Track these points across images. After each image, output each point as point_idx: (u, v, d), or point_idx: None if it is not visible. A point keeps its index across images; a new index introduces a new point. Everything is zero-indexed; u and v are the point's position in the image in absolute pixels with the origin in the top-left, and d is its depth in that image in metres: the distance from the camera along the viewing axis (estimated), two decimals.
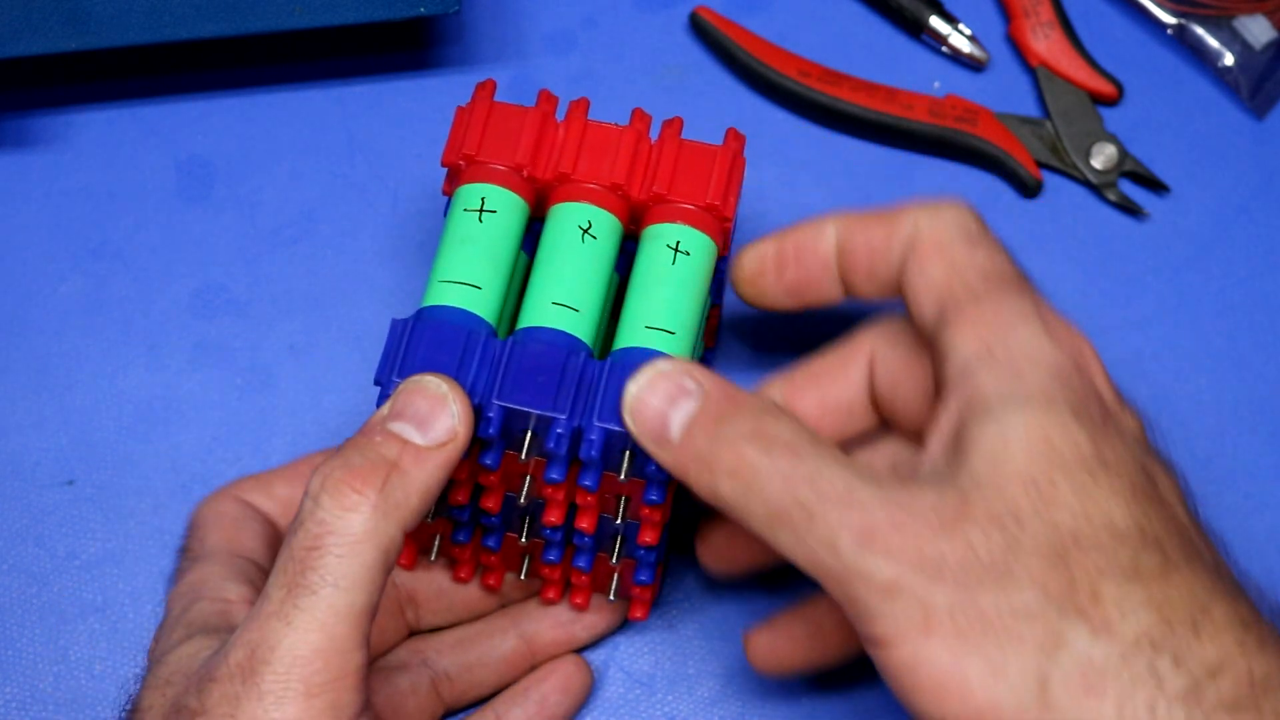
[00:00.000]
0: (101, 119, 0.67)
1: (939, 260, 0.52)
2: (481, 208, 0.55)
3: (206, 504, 0.58)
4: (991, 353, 0.49)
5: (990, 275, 0.51)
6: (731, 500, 0.48)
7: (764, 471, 0.48)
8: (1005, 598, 0.45)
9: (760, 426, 0.49)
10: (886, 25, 0.69)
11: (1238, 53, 0.68)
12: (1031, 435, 0.47)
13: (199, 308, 0.65)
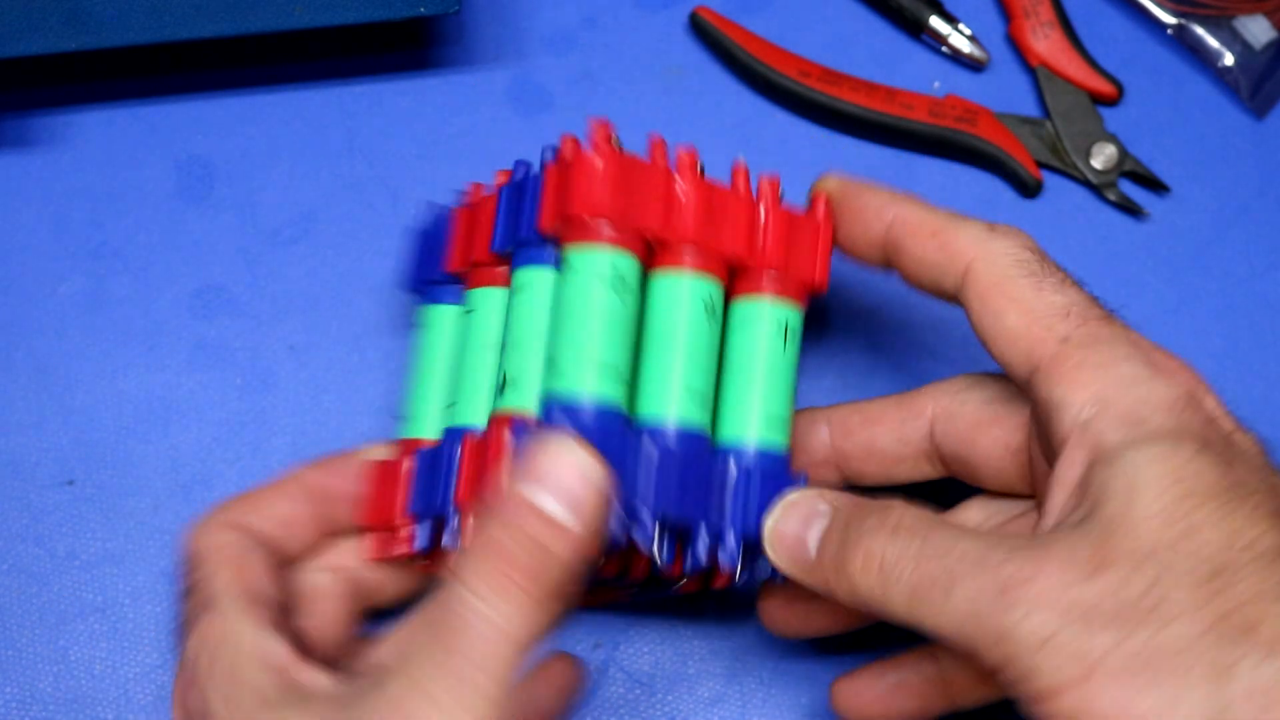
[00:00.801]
0: (101, 119, 0.67)
1: (1011, 307, 0.51)
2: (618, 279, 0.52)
3: (200, 535, 0.55)
4: (1105, 402, 0.49)
5: (1072, 315, 0.51)
6: (869, 595, 0.48)
7: (893, 556, 0.48)
8: (1163, 634, 0.45)
9: (884, 519, 0.49)
10: (886, 25, 0.69)
11: (1238, 53, 0.68)
12: (1161, 472, 0.47)
13: (199, 308, 0.65)
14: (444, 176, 0.66)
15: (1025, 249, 0.52)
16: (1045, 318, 0.51)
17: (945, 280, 0.53)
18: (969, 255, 0.52)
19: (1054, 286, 0.52)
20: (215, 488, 0.62)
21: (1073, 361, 0.50)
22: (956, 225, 0.53)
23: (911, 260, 0.54)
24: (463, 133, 0.67)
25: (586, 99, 0.68)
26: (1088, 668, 0.45)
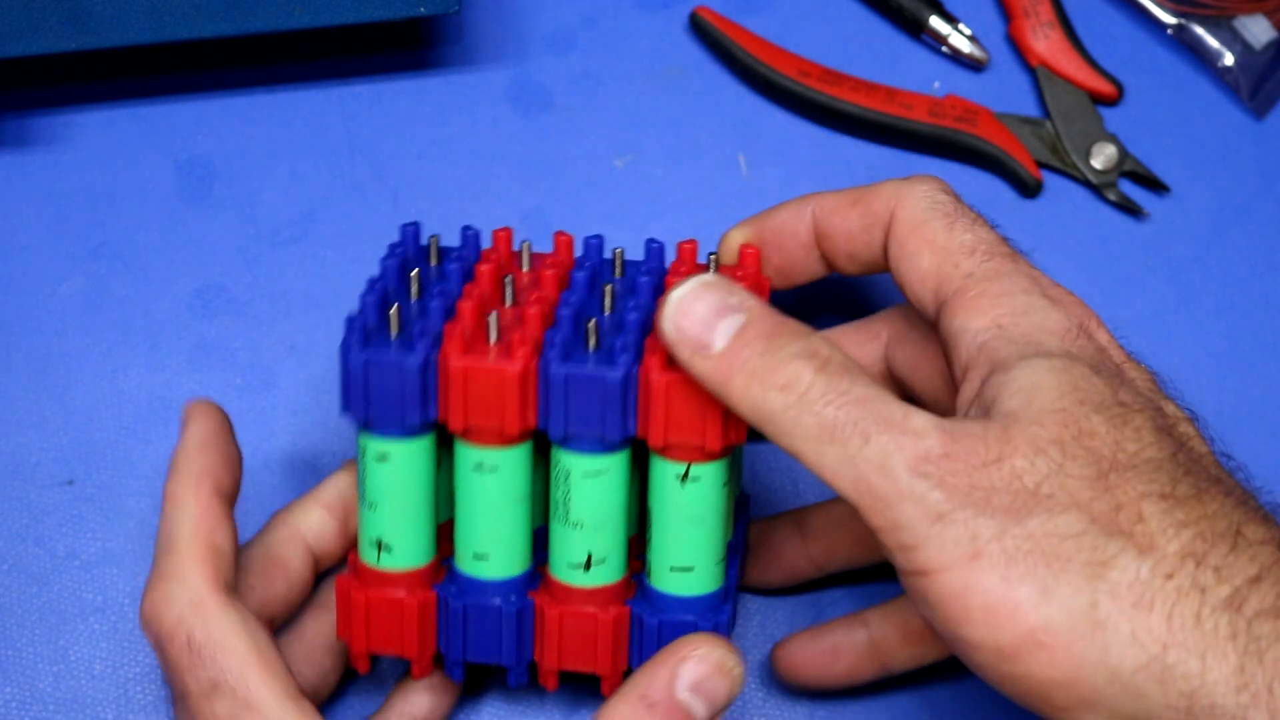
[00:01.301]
0: (101, 119, 0.67)
1: (923, 246, 0.53)
2: None
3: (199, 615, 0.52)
4: (1001, 328, 0.51)
5: (978, 251, 0.53)
6: (778, 413, 0.49)
7: (819, 388, 0.49)
8: (1052, 522, 0.46)
9: (812, 347, 0.50)
10: (886, 25, 0.69)
11: (1238, 53, 0.68)
12: (1058, 380, 0.49)
13: (199, 308, 0.65)
14: (444, 176, 0.66)
15: (941, 191, 0.55)
16: (954, 255, 0.53)
17: (875, 240, 0.55)
18: (889, 207, 0.55)
19: (965, 226, 0.54)
20: None
21: (973, 293, 0.52)
22: (874, 188, 0.55)
23: (843, 237, 0.56)
24: (463, 133, 0.67)
25: (586, 99, 0.68)
26: (974, 550, 0.46)
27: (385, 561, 0.54)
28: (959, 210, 0.54)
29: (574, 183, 0.67)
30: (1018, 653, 0.46)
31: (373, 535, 0.54)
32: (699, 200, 0.67)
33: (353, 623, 0.55)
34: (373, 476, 0.54)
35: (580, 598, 0.55)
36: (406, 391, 0.52)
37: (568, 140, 0.67)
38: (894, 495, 0.47)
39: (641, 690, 0.51)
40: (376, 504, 0.54)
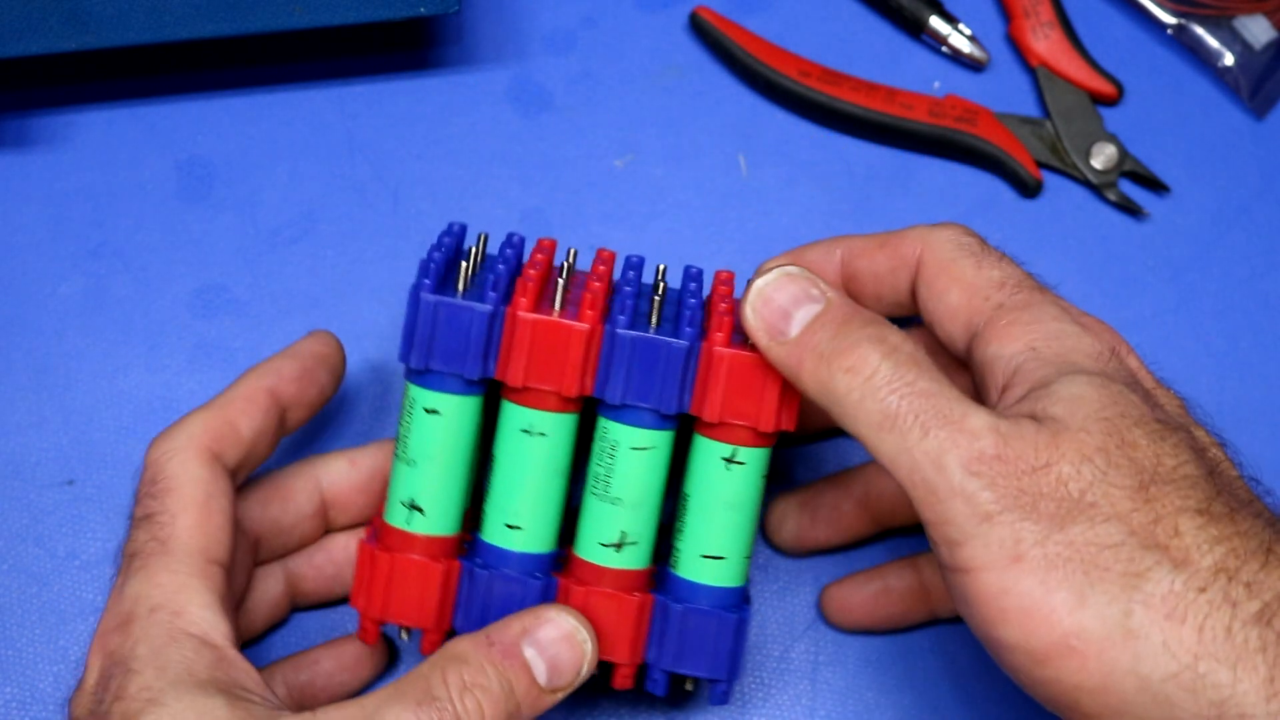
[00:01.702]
0: (101, 119, 0.67)
1: (951, 283, 0.55)
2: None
3: (174, 457, 0.55)
4: (1035, 350, 0.52)
5: (1006, 285, 0.54)
6: (844, 395, 0.51)
7: (884, 374, 0.50)
8: (1092, 531, 0.48)
9: (883, 335, 0.51)
10: (886, 25, 0.69)
11: (1238, 53, 0.68)
12: (1099, 394, 0.50)
13: (199, 308, 0.65)
14: (444, 176, 0.66)
15: (966, 234, 0.56)
16: (983, 289, 0.54)
17: (901, 283, 0.56)
18: (916, 250, 0.56)
19: (992, 263, 0.55)
20: None
21: (1005, 321, 0.53)
22: (900, 233, 0.57)
23: (869, 279, 0.57)
24: (463, 133, 0.67)
25: (586, 99, 0.68)
26: (1016, 554, 0.48)
27: (416, 524, 0.54)
28: (985, 249, 0.55)
29: (574, 183, 0.67)
30: (1050, 657, 0.47)
31: (406, 495, 0.54)
32: (699, 200, 0.67)
33: (371, 588, 0.54)
34: (418, 431, 0.53)
35: (608, 579, 0.55)
36: (473, 340, 0.53)
37: (568, 140, 0.67)
38: (946, 491, 0.49)
39: (489, 632, 0.53)
40: (417, 461, 0.54)
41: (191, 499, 0.54)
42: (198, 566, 0.54)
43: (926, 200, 0.67)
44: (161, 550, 0.54)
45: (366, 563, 0.55)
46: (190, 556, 0.54)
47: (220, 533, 0.55)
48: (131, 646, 0.52)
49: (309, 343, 0.59)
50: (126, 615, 0.53)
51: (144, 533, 0.54)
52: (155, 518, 0.54)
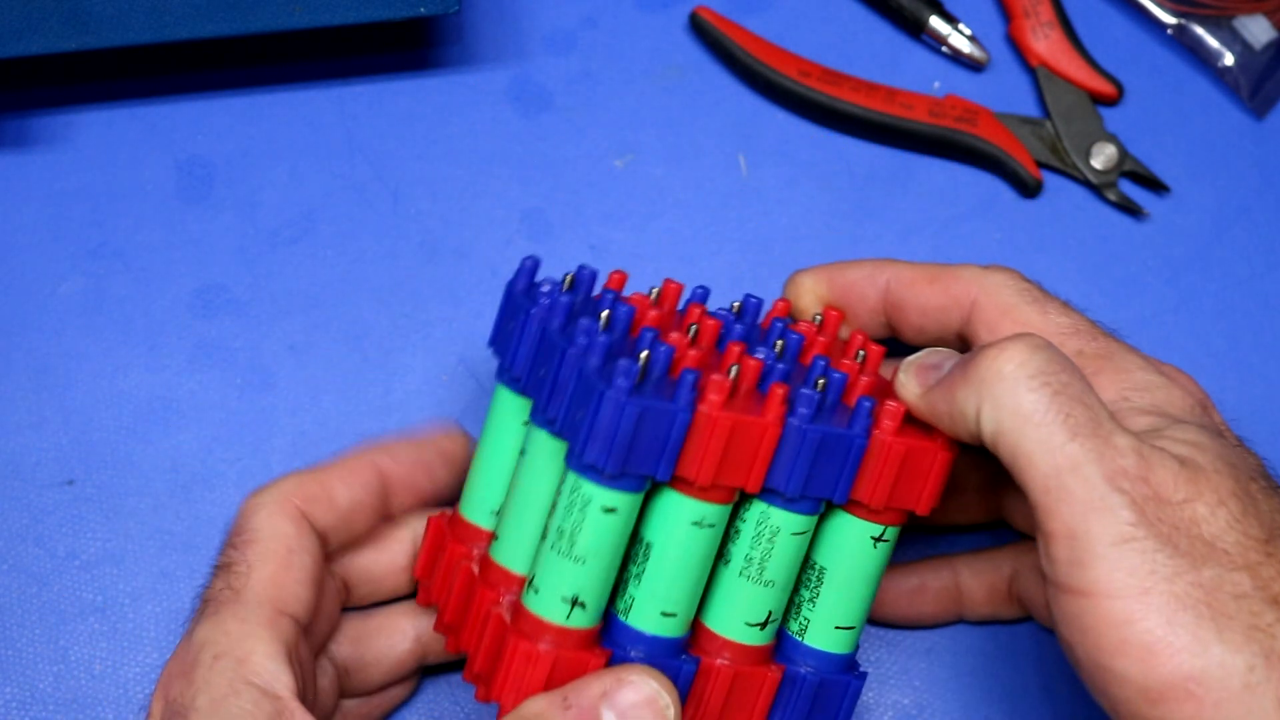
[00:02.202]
0: (101, 119, 0.67)
1: (1019, 330, 0.53)
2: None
3: (264, 509, 0.54)
4: (1128, 400, 0.52)
5: (1080, 332, 0.54)
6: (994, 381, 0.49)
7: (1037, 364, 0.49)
8: (1224, 577, 0.47)
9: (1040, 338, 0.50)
10: (886, 25, 0.69)
11: (1238, 53, 0.68)
12: (1215, 443, 0.49)
13: (199, 308, 0.65)
14: (444, 176, 0.66)
15: (1023, 280, 0.55)
16: (1056, 337, 0.53)
17: (950, 321, 0.55)
18: (971, 293, 0.55)
19: (1057, 310, 0.54)
20: (215, 488, 0.62)
21: (1090, 370, 0.52)
22: (953, 270, 0.56)
23: (915, 311, 0.56)
24: (463, 133, 0.67)
25: (586, 99, 0.68)
26: (1149, 585, 0.46)
27: (575, 619, 0.51)
28: (1045, 295, 0.55)
29: (574, 183, 0.67)
30: (1165, 697, 0.46)
31: (570, 591, 0.51)
32: (699, 200, 0.67)
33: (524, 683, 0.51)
34: (593, 529, 0.51)
35: (750, 655, 0.54)
36: (671, 442, 0.50)
37: (568, 140, 0.67)
38: (1084, 501, 0.47)
39: (567, 693, 0.50)
40: (586, 559, 0.51)
41: (272, 552, 0.53)
42: (267, 616, 0.52)
43: (926, 200, 0.67)
44: (234, 599, 0.53)
45: (520, 660, 0.51)
46: (261, 606, 0.52)
47: (298, 587, 0.53)
48: (192, 696, 0.51)
49: (437, 434, 0.58)
50: (191, 661, 0.52)
51: (220, 581, 0.53)
52: (233, 567, 0.53)
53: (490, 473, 0.56)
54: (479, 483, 0.56)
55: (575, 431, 0.50)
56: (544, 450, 0.53)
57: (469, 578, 0.54)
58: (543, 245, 0.66)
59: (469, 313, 0.65)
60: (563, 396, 0.51)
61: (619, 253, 0.66)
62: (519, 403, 0.55)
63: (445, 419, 0.61)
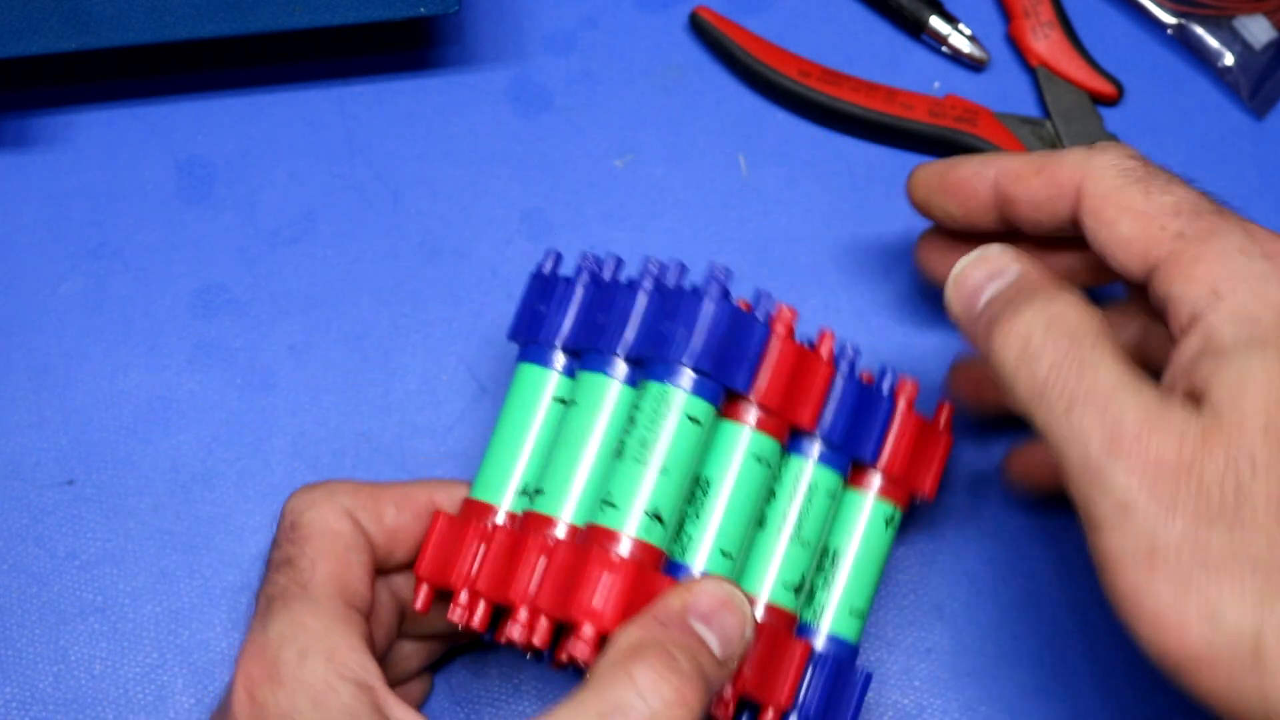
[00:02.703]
0: (101, 119, 0.67)
1: (1122, 215, 0.52)
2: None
3: (314, 508, 0.54)
4: (1219, 295, 0.50)
5: (1183, 213, 0.51)
6: (1003, 361, 0.50)
7: (1037, 344, 0.50)
8: (1232, 541, 0.46)
9: (1047, 304, 0.51)
10: (886, 25, 0.69)
11: (1238, 53, 0.68)
12: (1269, 380, 0.48)
13: (199, 308, 0.65)
14: (444, 176, 0.66)
15: (1129, 158, 0.53)
16: (1158, 218, 0.51)
17: (1061, 211, 0.54)
18: (1077, 178, 0.53)
19: (1161, 187, 0.52)
20: (215, 488, 0.62)
21: (1188, 256, 0.50)
22: (1058, 157, 0.54)
23: (1026, 204, 0.55)
24: (463, 133, 0.67)
25: (586, 99, 0.68)
26: (1153, 551, 0.46)
27: (654, 534, 0.52)
28: (1150, 172, 0.53)
29: (574, 183, 0.67)
30: (1180, 666, 0.46)
31: (651, 503, 0.51)
32: (699, 200, 0.67)
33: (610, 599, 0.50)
34: (680, 438, 0.52)
35: (784, 621, 0.54)
36: (750, 353, 0.53)
37: (568, 140, 0.67)
38: (1084, 470, 0.48)
39: (653, 613, 0.50)
40: (670, 469, 0.52)
41: (331, 548, 0.53)
42: (340, 610, 0.52)
43: None
44: (302, 594, 0.52)
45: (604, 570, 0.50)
46: (332, 599, 0.52)
47: (360, 584, 0.53)
48: (290, 699, 0.50)
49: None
50: (273, 660, 0.51)
51: (284, 576, 0.53)
52: (295, 562, 0.53)
53: (521, 448, 0.55)
54: (507, 461, 0.55)
55: (664, 342, 0.52)
56: (600, 391, 0.53)
57: (508, 538, 0.53)
58: (543, 245, 0.66)
59: (469, 313, 0.65)
60: (636, 323, 0.53)
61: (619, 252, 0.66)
62: (548, 379, 0.55)
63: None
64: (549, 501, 0.53)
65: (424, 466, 0.63)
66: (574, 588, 0.50)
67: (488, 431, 0.63)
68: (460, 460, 0.63)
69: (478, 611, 0.53)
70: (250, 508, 0.62)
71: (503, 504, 0.54)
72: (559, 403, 0.55)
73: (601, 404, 0.53)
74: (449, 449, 0.63)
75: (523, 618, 0.51)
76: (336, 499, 0.54)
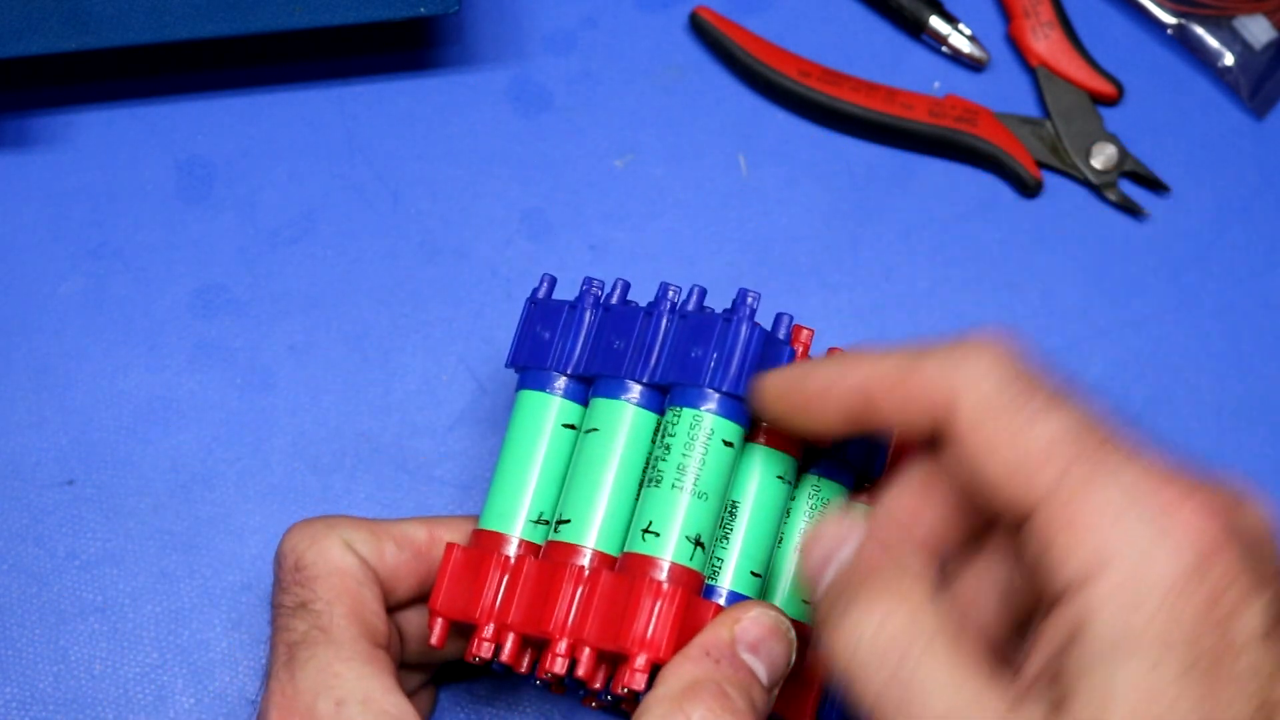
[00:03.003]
0: (101, 119, 0.67)
1: (998, 444, 0.46)
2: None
3: (315, 544, 0.53)
4: (1105, 564, 0.44)
5: (1069, 444, 0.45)
6: (836, 667, 0.47)
7: (864, 657, 0.46)
8: None
9: (877, 605, 0.46)
10: (886, 25, 0.69)
11: (1238, 53, 0.68)
12: (1138, 697, 0.43)
13: (199, 308, 0.65)
14: (444, 176, 0.66)
15: (1006, 365, 0.47)
16: (1040, 450, 0.45)
17: (928, 424, 0.48)
18: (947, 390, 0.47)
19: (1044, 408, 0.46)
20: (215, 488, 0.62)
21: (1072, 505, 0.45)
22: (924, 360, 0.48)
23: (895, 414, 0.49)
24: (463, 133, 0.67)
25: (586, 99, 0.68)
26: None
27: (696, 560, 0.52)
28: (1031, 388, 0.46)
29: (574, 183, 0.67)
30: None
31: (693, 529, 0.52)
32: (699, 200, 0.67)
33: (661, 629, 0.50)
34: (715, 463, 0.52)
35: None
36: None
37: (568, 140, 0.67)
38: None
39: (704, 646, 0.50)
40: (708, 495, 0.52)
41: (342, 586, 0.52)
42: (366, 652, 0.51)
43: (926, 200, 0.67)
44: (326, 639, 0.51)
45: (655, 600, 0.50)
46: (356, 643, 0.51)
47: (377, 620, 0.53)
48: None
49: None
50: (306, 712, 0.50)
51: (302, 622, 0.52)
52: (310, 605, 0.52)
53: (531, 477, 0.54)
54: (518, 490, 0.54)
55: (698, 369, 0.52)
56: (623, 418, 0.53)
57: (537, 569, 0.52)
58: (543, 245, 0.66)
59: (469, 313, 0.65)
60: (660, 349, 0.53)
61: (619, 253, 0.66)
62: (552, 405, 0.54)
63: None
64: (576, 530, 0.53)
65: (424, 466, 0.63)
66: (624, 618, 0.50)
67: (488, 431, 0.63)
68: (460, 460, 0.63)
69: (506, 645, 0.52)
70: (250, 508, 0.62)
71: (514, 533, 0.54)
72: (566, 429, 0.54)
73: (626, 431, 0.53)
74: (449, 449, 0.63)
75: (561, 649, 0.51)
76: (336, 533, 0.54)
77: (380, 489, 0.63)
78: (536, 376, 0.55)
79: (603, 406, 0.53)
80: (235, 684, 0.60)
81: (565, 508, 0.53)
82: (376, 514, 0.62)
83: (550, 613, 0.51)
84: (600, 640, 0.51)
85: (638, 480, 0.53)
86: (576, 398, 0.55)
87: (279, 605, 0.53)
